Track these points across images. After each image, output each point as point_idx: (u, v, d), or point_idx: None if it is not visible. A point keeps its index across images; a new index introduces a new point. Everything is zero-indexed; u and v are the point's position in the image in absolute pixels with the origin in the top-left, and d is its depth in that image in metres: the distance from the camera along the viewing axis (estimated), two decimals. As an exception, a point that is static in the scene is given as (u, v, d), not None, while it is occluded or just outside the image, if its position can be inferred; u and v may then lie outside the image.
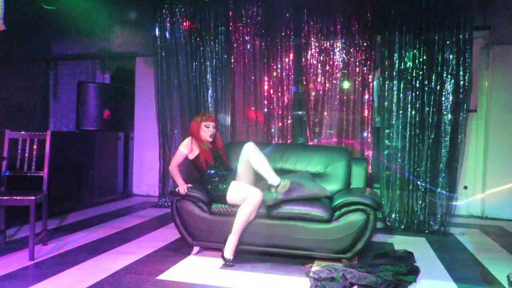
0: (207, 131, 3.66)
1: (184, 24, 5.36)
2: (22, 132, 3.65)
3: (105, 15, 6.28)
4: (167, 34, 5.42)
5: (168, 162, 5.49)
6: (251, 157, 3.45)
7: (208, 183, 3.52)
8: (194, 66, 5.37)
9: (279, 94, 5.14)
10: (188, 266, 3.25)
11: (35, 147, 3.64)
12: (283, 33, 5.08)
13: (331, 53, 4.94)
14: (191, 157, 3.61)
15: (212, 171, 3.53)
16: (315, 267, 3.20)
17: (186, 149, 3.60)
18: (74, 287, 2.73)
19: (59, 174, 5.04)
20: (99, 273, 3.01)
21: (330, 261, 3.30)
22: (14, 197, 3.22)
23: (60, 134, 5.93)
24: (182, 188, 3.47)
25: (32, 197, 3.23)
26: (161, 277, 2.98)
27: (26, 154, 3.62)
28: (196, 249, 3.55)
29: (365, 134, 4.91)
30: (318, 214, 3.23)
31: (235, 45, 5.23)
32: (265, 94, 5.17)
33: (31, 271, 3.05)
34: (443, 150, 4.54)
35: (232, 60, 5.26)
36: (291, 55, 5.09)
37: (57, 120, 6.96)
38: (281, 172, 3.68)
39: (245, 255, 3.48)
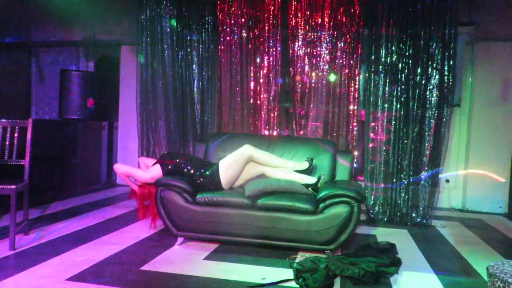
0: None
1: (171, 12, 5.27)
2: (3, 120, 3.57)
3: (89, 1, 6.15)
4: (153, 22, 5.33)
5: (151, 153, 5.43)
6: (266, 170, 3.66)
7: (195, 178, 3.59)
8: (180, 56, 5.29)
9: (266, 85, 5.12)
10: (172, 256, 3.24)
11: (16, 135, 3.56)
12: (270, 24, 5.04)
13: (318, 45, 4.94)
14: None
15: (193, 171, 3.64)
16: (299, 258, 3.23)
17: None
18: (55, 277, 2.70)
19: (41, 163, 4.96)
20: (82, 263, 2.98)
21: (314, 253, 3.32)
22: (-6, 186, 3.16)
23: (43, 122, 5.83)
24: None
25: (13, 186, 3.16)
26: (145, 267, 2.96)
27: (7, 142, 3.54)
28: (180, 239, 3.54)
29: (350, 127, 4.93)
30: (302, 206, 3.25)
31: (222, 35, 5.18)
32: (252, 85, 5.15)
33: (11, 261, 3.00)
34: (426, 144, 4.59)
35: (219, 50, 5.21)
36: (278, 46, 5.07)
37: (39, 108, 6.83)
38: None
39: (229, 246, 3.48)
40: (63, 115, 5.85)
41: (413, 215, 4.61)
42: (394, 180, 4.67)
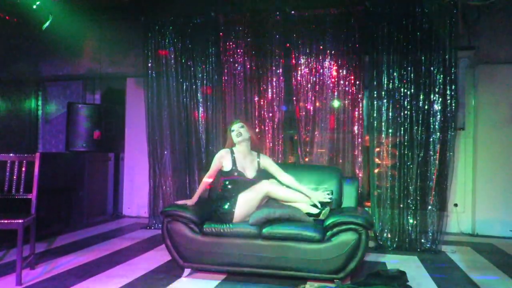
0: (233, 135, 3.77)
1: (175, 45, 5.40)
2: (11, 155, 3.62)
3: (95, 35, 6.30)
4: (158, 55, 5.45)
5: (157, 183, 5.45)
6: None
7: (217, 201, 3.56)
8: (184, 87, 5.39)
9: (270, 114, 5.16)
10: (179, 289, 3.21)
11: (23, 169, 3.60)
12: (273, 54, 5.14)
13: (321, 73, 5.00)
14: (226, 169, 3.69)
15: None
16: (308, 288, 3.18)
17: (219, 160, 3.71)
18: (62, 312, 2.67)
19: (48, 196, 4.97)
20: (88, 297, 2.95)
21: (323, 282, 3.28)
22: (2, 221, 3.16)
23: (50, 155, 5.88)
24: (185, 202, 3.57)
25: (20, 221, 3.18)
26: (152, 300, 2.93)
27: (15, 177, 3.57)
28: (187, 271, 3.51)
29: (355, 153, 4.93)
30: (309, 234, 3.22)
31: (225, 65, 5.27)
32: (256, 114, 5.20)
33: (18, 296, 2.99)
34: (432, 168, 4.58)
35: (223, 80, 5.29)
36: (281, 75, 5.13)
37: (46, 141, 6.91)
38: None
39: (237, 277, 3.45)
40: (69, 147, 5.91)
41: (422, 240, 4.55)
42: (401, 205, 4.63)
